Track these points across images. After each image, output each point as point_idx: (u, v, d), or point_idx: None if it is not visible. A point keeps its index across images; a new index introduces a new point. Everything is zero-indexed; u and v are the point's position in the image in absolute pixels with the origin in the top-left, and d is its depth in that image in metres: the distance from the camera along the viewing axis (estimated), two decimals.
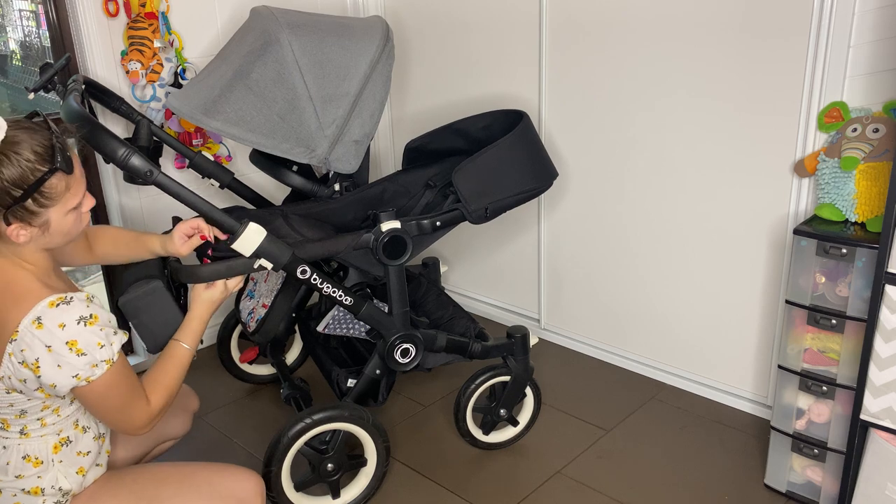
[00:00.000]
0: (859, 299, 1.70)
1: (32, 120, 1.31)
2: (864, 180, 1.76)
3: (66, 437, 1.41)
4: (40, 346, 1.25)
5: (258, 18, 1.95)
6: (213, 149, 2.63)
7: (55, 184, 1.27)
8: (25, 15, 2.65)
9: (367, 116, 1.98)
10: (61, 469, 1.41)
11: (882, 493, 1.68)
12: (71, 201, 1.31)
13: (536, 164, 2.03)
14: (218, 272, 1.65)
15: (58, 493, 1.41)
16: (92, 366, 1.28)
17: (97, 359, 1.29)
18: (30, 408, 1.35)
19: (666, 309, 2.46)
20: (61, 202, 1.29)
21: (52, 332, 1.25)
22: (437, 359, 2.04)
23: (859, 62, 1.85)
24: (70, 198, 1.31)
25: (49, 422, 1.38)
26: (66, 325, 1.26)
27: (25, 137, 1.24)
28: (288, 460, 1.85)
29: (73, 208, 1.32)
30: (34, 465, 1.38)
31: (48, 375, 1.27)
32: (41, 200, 1.26)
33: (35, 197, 1.25)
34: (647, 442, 2.22)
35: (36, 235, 1.30)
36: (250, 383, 2.59)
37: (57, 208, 1.29)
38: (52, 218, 1.29)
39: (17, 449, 1.38)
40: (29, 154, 1.23)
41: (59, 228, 1.32)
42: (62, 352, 1.26)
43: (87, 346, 1.27)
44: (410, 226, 1.86)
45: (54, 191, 1.27)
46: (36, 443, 1.38)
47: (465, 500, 2.01)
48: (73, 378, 1.28)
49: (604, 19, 2.33)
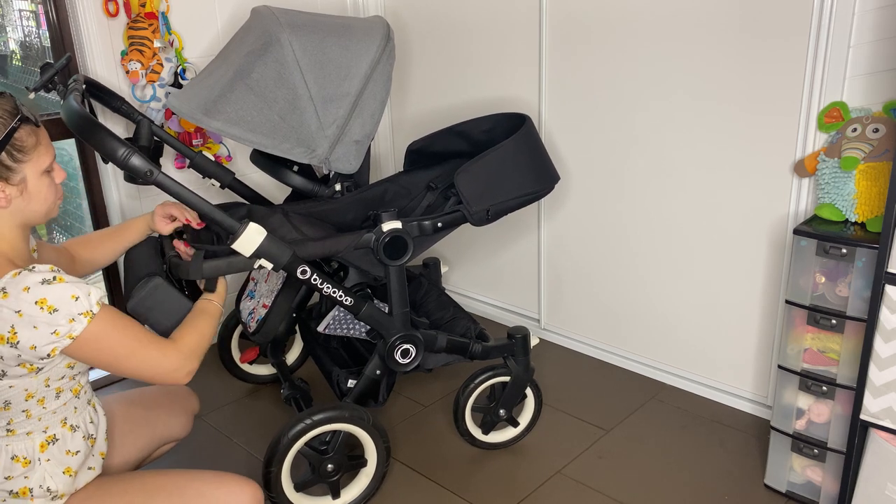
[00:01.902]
0: (859, 299, 1.70)
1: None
2: (864, 180, 1.76)
3: (53, 434, 1.41)
4: (10, 313, 1.25)
5: (259, 18, 1.95)
6: (214, 149, 2.63)
7: (25, 137, 1.33)
8: (25, 15, 2.65)
9: (367, 116, 1.98)
10: (48, 468, 1.40)
11: (882, 493, 1.68)
12: (44, 158, 1.37)
13: (538, 168, 2.03)
14: (218, 269, 1.66)
15: (46, 495, 1.40)
16: (69, 320, 1.28)
17: (73, 312, 1.28)
18: (12, 397, 1.34)
19: (666, 309, 2.47)
20: (34, 157, 1.35)
21: (17, 297, 1.26)
22: (437, 359, 2.04)
23: (859, 62, 1.85)
24: (42, 154, 1.36)
25: (34, 413, 1.38)
26: (31, 288, 1.26)
27: None
28: (288, 461, 1.85)
29: (46, 170, 1.37)
30: (22, 464, 1.38)
31: (26, 338, 1.26)
32: (15, 154, 1.32)
33: (8, 150, 1.31)
34: (647, 442, 2.22)
35: (15, 196, 1.34)
36: (250, 383, 2.59)
37: (31, 165, 1.34)
38: (28, 175, 1.34)
39: (6, 450, 1.38)
40: None
41: (35, 190, 1.36)
42: (33, 312, 1.25)
43: (58, 301, 1.27)
44: (412, 226, 1.86)
45: (26, 144, 1.33)
46: (23, 442, 1.39)
47: (465, 500, 2.01)
48: (52, 335, 1.27)
49: (604, 20, 2.33)
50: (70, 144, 2.57)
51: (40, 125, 1.39)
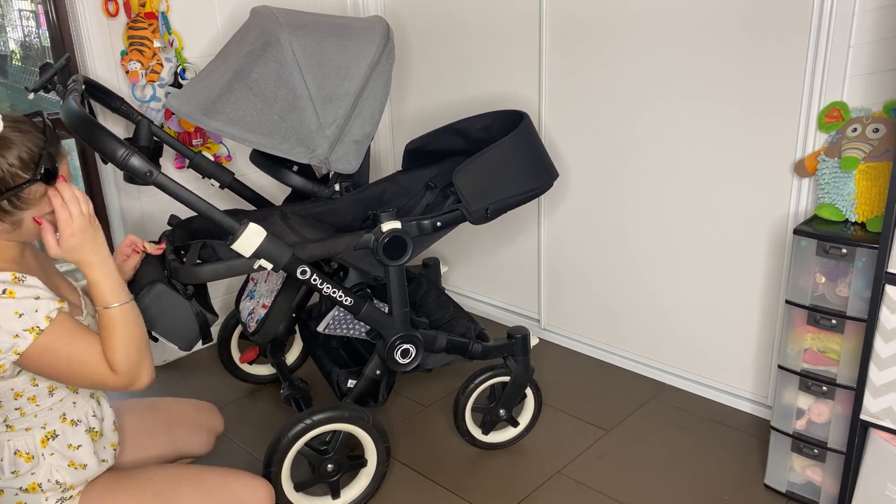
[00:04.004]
0: (859, 299, 1.70)
1: (33, 120, 1.32)
2: (864, 180, 1.76)
3: (53, 430, 1.41)
4: None
5: (258, 18, 1.95)
6: (213, 149, 2.63)
7: (33, 190, 1.30)
8: (25, 15, 2.65)
9: (367, 116, 1.98)
10: (53, 462, 1.41)
11: (882, 493, 1.68)
12: (46, 206, 1.33)
13: (537, 165, 2.03)
14: (218, 271, 1.66)
15: (57, 488, 1.41)
16: (13, 336, 1.26)
17: (16, 328, 1.26)
18: (1, 395, 1.35)
19: (666, 309, 2.46)
20: (37, 206, 1.32)
21: None
22: (437, 359, 2.04)
23: (859, 62, 1.85)
24: (45, 204, 1.33)
25: (28, 411, 1.38)
26: None
27: (16, 140, 1.26)
28: (288, 461, 1.85)
29: (48, 213, 1.33)
30: (26, 459, 1.39)
31: None
32: (17, 203, 1.29)
33: (11, 199, 1.28)
34: (647, 442, 2.22)
35: (6, 230, 1.32)
36: (250, 383, 2.59)
37: (31, 211, 1.32)
38: (25, 219, 1.32)
39: (8, 445, 1.39)
40: (13, 159, 1.26)
41: (28, 230, 1.34)
42: None
43: (1, 317, 1.25)
44: (411, 226, 1.86)
45: (31, 196, 1.30)
46: (23, 437, 1.39)
47: (465, 500, 2.01)
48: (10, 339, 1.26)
49: (603, 20, 2.33)
50: (70, 144, 2.57)
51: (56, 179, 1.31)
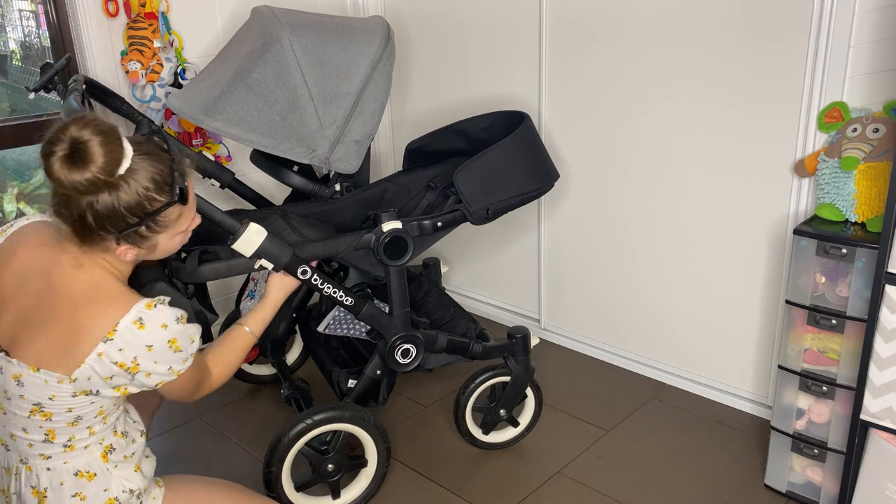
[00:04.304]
0: (859, 299, 1.70)
1: (153, 139, 1.32)
2: (864, 180, 1.76)
3: (110, 444, 1.39)
4: (141, 345, 1.26)
5: (259, 18, 1.95)
6: (213, 149, 2.63)
7: (170, 213, 1.30)
8: (25, 15, 2.64)
9: (367, 116, 1.98)
10: (120, 473, 1.39)
11: (882, 493, 1.68)
12: (181, 226, 1.36)
13: (538, 165, 2.03)
14: (218, 271, 1.66)
15: (131, 496, 1.40)
16: (184, 360, 1.33)
17: (188, 353, 1.33)
18: (87, 413, 1.32)
19: (666, 309, 2.47)
20: (172, 228, 1.34)
21: (154, 332, 1.27)
22: (437, 359, 2.04)
23: (859, 62, 1.85)
24: (181, 223, 1.35)
25: (97, 429, 1.36)
26: (168, 325, 1.29)
27: (146, 165, 1.26)
28: (288, 461, 1.85)
29: (181, 232, 1.37)
30: (88, 478, 1.36)
31: (144, 368, 1.28)
32: (154, 227, 1.30)
33: (148, 224, 1.28)
34: (647, 442, 2.22)
35: (142, 255, 1.34)
36: (250, 383, 2.59)
37: (167, 234, 1.33)
38: (161, 241, 1.34)
39: (64, 468, 1.35)
40: (148, 183, 1.26)
41: (164, 249, 1.37)
42: (162, 350, 1.28)
43: (184, 342, 1.32)
44: (411, 226, 1.86)
45: (168, 219, 1.31)
46: (82, 457, 1.36)
47: (465, 501, 2.01)
48: (168, 371, 1.31)
49: (604, 20, 2.33)
50: None
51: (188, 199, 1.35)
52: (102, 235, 1.26)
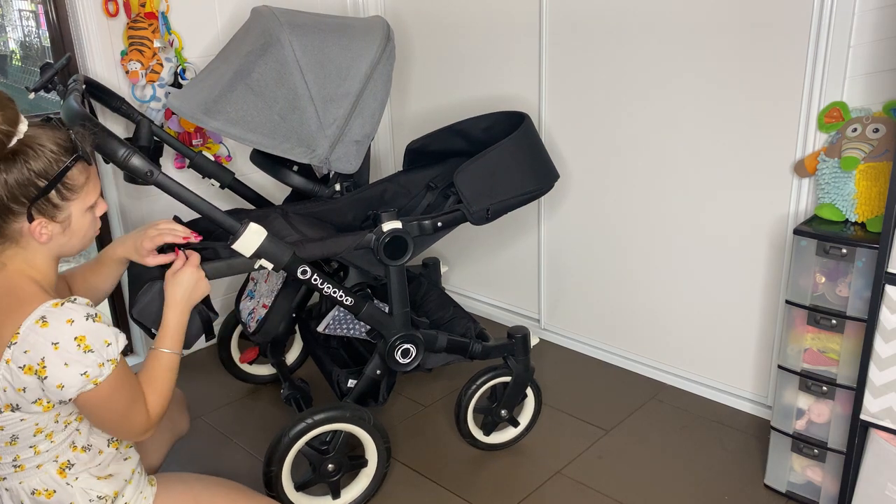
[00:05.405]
0: (859, 299, 1.70)
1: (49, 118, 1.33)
2: (864, 180, 1.76)
3: (66, 461, 1.34)
4: (45, 343, 1.20)
5: (259, 18, 1.95)
6: (213, 149, 2.63)
7: (77, 175, 1.29)
8: (25, 15, 2.64)
9: (367, 116, 1.98)
10: (82, 485, 1.35)
11: (882, 493, 1.68)
12: (90, 196, 1.33)
13: (538, 166, 2.03)
14: (219, 270, 1.65)
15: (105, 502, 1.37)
16: (99, 364, 1.24)
17: (104, 357, 1.24)
18: (21, 431, 1.27)
19: (666, 309, 2.47)
20: (81, 195, 1.31)
21: (58, 328, 1.20)
22: (437, 359, 2.04)
23: (859, 62, 1.85)
24: (89, 192, 1.33)
25: (42, 448, 1.31)
26: (75, 321, 1.22)
27: (45, 133, 1.27)
28: (288, 461, 1.85)
29: (90, 207, 1.34)
30: (47, 496, 1.32)
31: (55, 375, 1.21)
32: (64, 192, 1.28)
33: (59, 188, 1.27)
34: (647, 442, 2.22)
35: (57, 233, 1.30)
36: (250, 383, 2.59)
37: (77, 203, 1.31)
38: (73, 213, 1.31)
39: (21, 487, 1.32)
40: (52, 146, 1.26)
41: (77, 227, 1.33)
42: (70, 348, 1.21)
43: (95, 341, 1.23)
44: (412, 226, 1.86)
45: (76, 182, 1.30)
46: (36, 476, 1.32)
47: (465, 501, 2.01)
48: (81, 377, 1.22)
49: (603, 20, 2.33)
50: None
51: (92, 163, 1.34)
52: (14, 209, 1.24)
